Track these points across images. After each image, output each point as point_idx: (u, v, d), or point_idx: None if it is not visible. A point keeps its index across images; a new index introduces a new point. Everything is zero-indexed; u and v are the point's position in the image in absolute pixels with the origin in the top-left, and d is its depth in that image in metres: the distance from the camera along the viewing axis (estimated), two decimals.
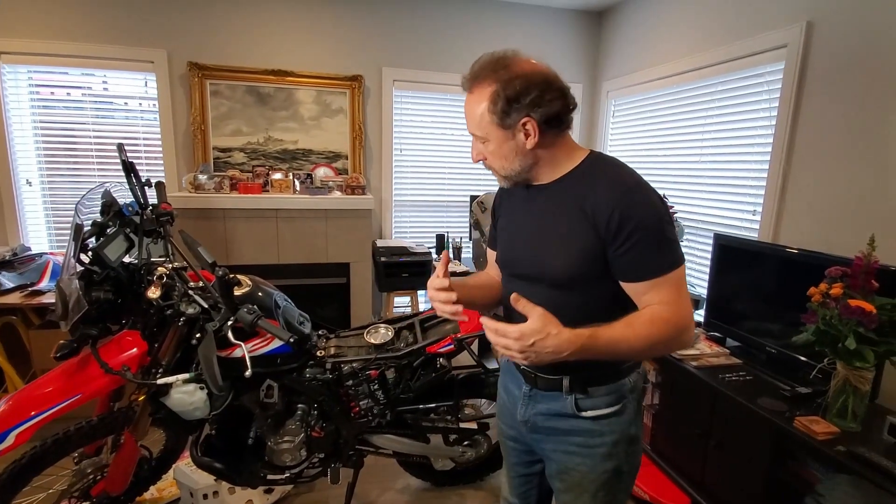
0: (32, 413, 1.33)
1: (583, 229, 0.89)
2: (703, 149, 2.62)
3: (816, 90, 1.97)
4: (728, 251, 2.10)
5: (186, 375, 1.42)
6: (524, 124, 0.88)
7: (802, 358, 1.71)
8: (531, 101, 0.86)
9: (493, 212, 1.18)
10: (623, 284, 0.90)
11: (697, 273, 2.62)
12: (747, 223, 2.32)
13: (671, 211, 2.27)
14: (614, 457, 1.00)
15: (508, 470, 1.22)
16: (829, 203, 1.92)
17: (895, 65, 1.69)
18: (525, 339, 0.79)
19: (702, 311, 2.26)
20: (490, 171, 1.00)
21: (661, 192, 0.97)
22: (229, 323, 1.36)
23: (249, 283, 1.59)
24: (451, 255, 3.36)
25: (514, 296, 0.82)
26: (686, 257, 0.93)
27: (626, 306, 0.91)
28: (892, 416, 1.40)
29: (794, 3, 2.05)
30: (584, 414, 0.98)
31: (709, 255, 2.19)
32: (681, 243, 0.94)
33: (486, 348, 2.23)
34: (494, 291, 1.13)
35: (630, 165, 0.95)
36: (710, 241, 2.18)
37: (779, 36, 2.11)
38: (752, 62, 2.27)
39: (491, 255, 1.22)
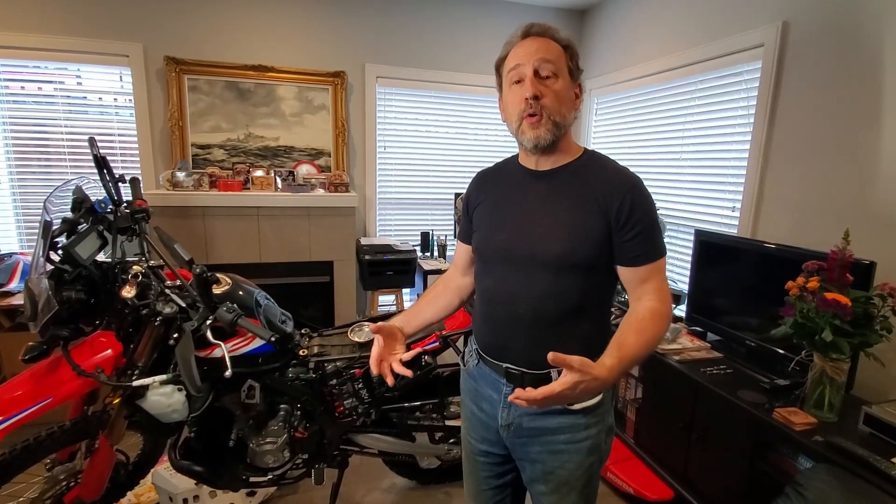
0: (0, 418, 1.28)
1: (590, 216, 0.94)
2: (684, 146, 2.66)
3: (792, 89, 2.01)
4: (708, 247, 2.13)
5: (164, 377, 1.38)
6: (579, 85, 1.01)
7: (781, 351, 1.74)
8: (580, 75, 1.01)
9: (466, 202, 1.15)
10: (624, 270, 0.96)
11: (679, 269, 2.65)
12: (727, 219, 2.36)
13: None
14: (597, 449, 1.01)
15: (479, 485, 1.17)
16: (806, 199, 1.96)
17: (868, 64, 1.73)
18: (574, 387, 0.80)
19: (683, 307, 2.29)
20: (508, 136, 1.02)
21: None
22: (208, 322, 1.32)
23: (229, 281, 1.55)
24: (437, 253, 3.35)
25: (551, 355, 0.77)
26: (668, 253, 1.01)
27: (612, 296, 1.02)
28: (866, 406, 1.43)
29: (771, 4, 2.09)
30: (573, 407, 0.97)
31: (690, 251, 2.22)
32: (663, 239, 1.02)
33: None
34: (450, 309, 1.23)
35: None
36: (691, 237, 2.21)
37: (756, 35, 2.14)
38: (730, 61, 2.31)
39: (461, 250, 1.21)
